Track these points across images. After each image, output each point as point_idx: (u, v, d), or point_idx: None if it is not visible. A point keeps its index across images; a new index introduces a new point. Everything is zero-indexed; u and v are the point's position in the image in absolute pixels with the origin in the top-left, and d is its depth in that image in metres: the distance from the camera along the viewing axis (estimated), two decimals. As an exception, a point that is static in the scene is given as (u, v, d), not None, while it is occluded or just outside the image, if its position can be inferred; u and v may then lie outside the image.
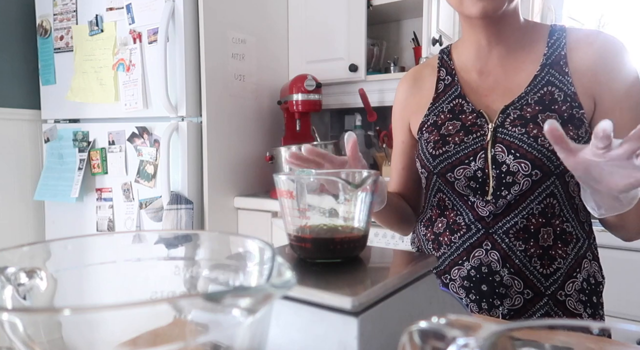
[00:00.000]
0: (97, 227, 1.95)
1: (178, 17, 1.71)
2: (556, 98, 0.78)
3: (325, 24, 2.05)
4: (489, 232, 0.80)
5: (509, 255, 0.78)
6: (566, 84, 0.79)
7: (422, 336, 0.26)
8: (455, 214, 0.84)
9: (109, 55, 1.87)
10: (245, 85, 1.94)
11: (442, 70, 0.92)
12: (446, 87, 0.90)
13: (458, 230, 0.83)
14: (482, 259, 0.80)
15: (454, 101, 0.87)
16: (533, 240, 0.78)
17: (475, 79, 0.87)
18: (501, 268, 0.79)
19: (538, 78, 0.81)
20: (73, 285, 0.36)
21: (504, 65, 0.85)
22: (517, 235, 0.78)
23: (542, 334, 0.24)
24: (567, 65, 0.80)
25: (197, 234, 0.40)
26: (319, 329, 0.41)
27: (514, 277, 0.78)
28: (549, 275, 0.78)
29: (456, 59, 0.91)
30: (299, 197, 0.52)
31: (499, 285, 0.78)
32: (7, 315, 0.25)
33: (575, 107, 0.77)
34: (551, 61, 0.81)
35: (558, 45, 0.82)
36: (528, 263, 0.78)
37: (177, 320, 0.26)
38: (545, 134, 0.56)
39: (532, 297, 0.78)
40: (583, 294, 0.80)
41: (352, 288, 0.42)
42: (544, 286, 0.78)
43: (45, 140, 2.09)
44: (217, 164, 1.83)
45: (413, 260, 0.52)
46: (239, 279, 0.35)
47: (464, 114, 0.85)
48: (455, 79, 0.89)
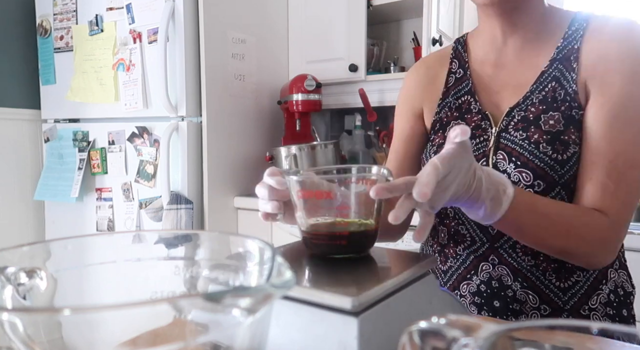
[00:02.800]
0: (97, 227, 1.95)
1: (178, 17, 1.71)
2: (557, 97, 0.72)
3: (325, 24, 2.05)
4: (494, 246, 0.74)
5: (519, 269, 0.73)
6: (570, 81, 0.72)
7: (422, 336, 0.26)
8: (456, 223, 0.79)
9: (109, 55, 1.87)
10: (245, 85, 1.94)
11: (455, 62, 0.86)
12: (457, 81, 0.84)
13: (462, 241, 0.78)
14: (492, 273, 0.74)
15: (462, 97, 0.82)
16: (543, 255, 0.72)
17: (489, 73, 0.81)
18: (513, 282, 0.73)
19: (545, 75, 0.74)
20: (73, 285, 0.36)
21: (520, 57, 0.78)
22: (525, 250, 0.72)
23: (542, 334, 0.24)
24: (577, 60, 0.72)
25: (197, 234, 0.40)
26: (319, 329, 0.41)
27: (527, 292, 0.72)
28: (567, 288, 0.72)
29: (471, 51, 0.85)
30: (307, 197, 0.53)
31: (512, 301, 0.73)
32: (7, 315, 0.25)
33: (575, 107, 0.71)
34: (562, 56, 0.74)
35: (575, 38, 0.73)
36: (542, 277, 0.72)
37: (177, 320, 0.26)
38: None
39: (550, 312, 0.72)
40: (610, 308, 0.73)
41: (352, 288, 0.42)
42: (562, 301, 0.72)
43: (45, 140, 2.09)
44: (217, 164, 1.83)
45: (413, 260, 0.52)
46: (239, 279, 0.35)
47: (470, 113, 0.80)
48: (468, 73, 0.83)
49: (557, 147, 0.70)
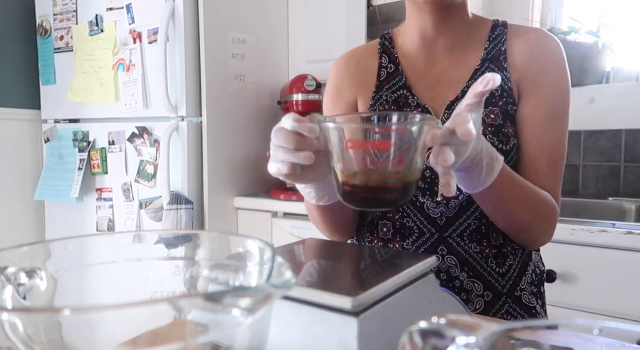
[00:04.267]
0: (97, 227, 1.95)
1: (178, 17, 1.71)
2: (494, 93, 0.77)
3: (325, 24, 2.05)
4: (443, 236, 0.77)
5: (466, 258, 0.76)
6: (504, 79, 0.78)
7: (422, 336, 0.26)
8: (401, 216, 0.80)
9: (109, 55, 1.87)
10: (245, 85, 1.94)
11: (384, 57, 0.87)
12: (389, 76, 0.85)
13: (410, 234, 0.79)
14: (440, 265, 0.77)
15: (398, 92, 0.83)
16: (486, 241, 0.76)
17: (421, 68, 0.84)
18: (460, 272, 0.76)
19: (478, 73, 0.79)
20: (73, 285, 0.36)
21: (450, 56, 0.82)
22: (472, 237, 0.76)
23: (542, 334, 0.24)
24: (506, 61, 0.79)
25: (197, 234, 0.40)
26: (319, 329, 0.41)
27: (473, 281, 0.76)
28: (504, 273, 0.77)
29: (400, 46, 0.87)
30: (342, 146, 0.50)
31: (459, 291, 0.76)
32: (7, 315, 0.25)
33: (510, 103, 0.77)
34: (491, 56, 0.80)
35: (499, 41, 0.81)
36: (485, 264, 0.76)
37: (177, 320, 0.26)
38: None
39: (492, 298, 0.76)
40: (534, 286, 0.80)
41: (352, 288, 0.42)
42: (501, 285, 0.77)
43: (45, 140, 2.09)
44: (217, 164, 1.83)
45: (413, 260, 0.52)
46: (239, 279, 0.35)
47: (408, 107, 0.81)
48: (400, 68, 0.85)
49: (501, 138, 0.76)
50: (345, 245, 0.65)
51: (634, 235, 1.21)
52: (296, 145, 0.53)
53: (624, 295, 1.25)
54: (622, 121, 1.76)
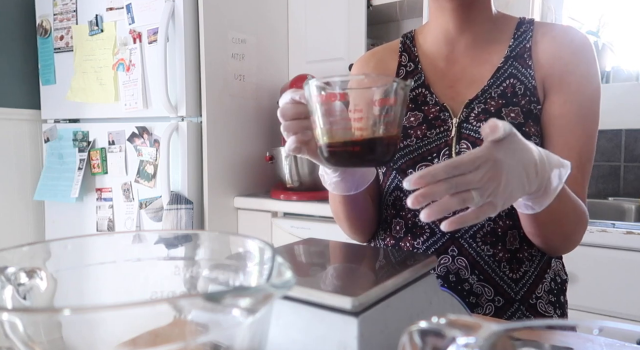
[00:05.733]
0: (97, 227, 1.95)
1: (178, 17, 1.71)
2: (517, 91, 0.76)
3: (325, 24, 2.05)
4: (455, 236, 0.75)
5: (477, 261, 0.74)
6: (528, 77, 0.76)
7: (422, 336, 0.26)
8: (414, 215, 0.79)
9: (108, 55, 1.87)
10: (245, 85, 1.94)
11: (404, 56, 0.87)
12: (408, 74, 0.85)
13: (421, 233, 0.78)
14: (449, 267, 0.75)
15: (416, 90, 0.83)
16: (501, 244, 0.74)
17: (441, 67, 0.83)
18: (470, 275, 0.74)
19: (501, 71, 0.78)
20: (73, 285, 0.36)
21: (471, 54, 0.81)
22: (485, 239, 0.74)
23: (542, 334, 0.24)
24: (531, 58, 0.77)
25: (197, 234, 0.40)
26: (319, 329, 0.41)
27: (484, 285, 0.74)
28: (518, 279, 0.74)
29: (421, 45, 0.87)
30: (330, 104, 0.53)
31: (468, 294, 0.74)
32: (7, 315, 0.25)
33: (534, 102, 0.75)
34: (515, 54, 0.78)
35: (524, 38, 0.79)
36: (497, 268, 0.74)
37: (177, 320, 0.26)
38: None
39: (503, 304, 0.74)
40: (552, 295, 0.77)
41: (352, 288, 0.42)
42: (514, 291, 0.74)
43: (45, 140, 2.09)
44: (217, 164, 1.83)
45: (413, 260, 0.52)
46: (239, 279, 0.35)
47: (426, 105, 0.80)
48: (419, 66, 0.84)
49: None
50: (345, 245, 0.65)
51: (634, 235, 1.22)
52: (291, 116, 0.58)
53: (624, 295, 1.25)
54: (622, 121, 1.76)
